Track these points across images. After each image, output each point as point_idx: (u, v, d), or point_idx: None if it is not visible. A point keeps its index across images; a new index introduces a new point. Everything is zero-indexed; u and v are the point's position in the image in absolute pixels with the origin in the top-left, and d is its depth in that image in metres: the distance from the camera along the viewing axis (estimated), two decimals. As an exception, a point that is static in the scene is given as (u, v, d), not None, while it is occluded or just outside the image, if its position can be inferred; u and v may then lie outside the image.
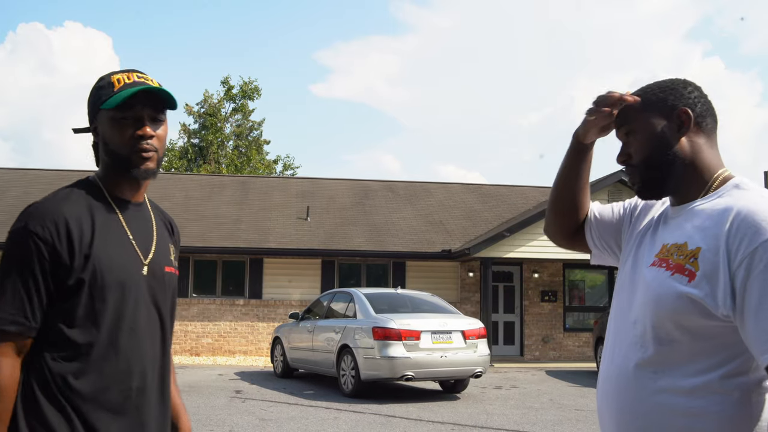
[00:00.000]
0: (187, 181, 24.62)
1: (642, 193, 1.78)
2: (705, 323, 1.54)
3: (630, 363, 1.66)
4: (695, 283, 1.54)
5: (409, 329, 10.78)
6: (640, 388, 1.62)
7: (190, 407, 9.74)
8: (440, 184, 25.72)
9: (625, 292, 1.77)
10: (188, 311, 18.73)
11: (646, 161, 1.73)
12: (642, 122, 1.74)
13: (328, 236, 19.74)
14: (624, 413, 1.66)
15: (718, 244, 1.54)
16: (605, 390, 1.75)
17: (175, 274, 2.07)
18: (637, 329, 1.66)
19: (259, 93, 38.48)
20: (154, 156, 1.92)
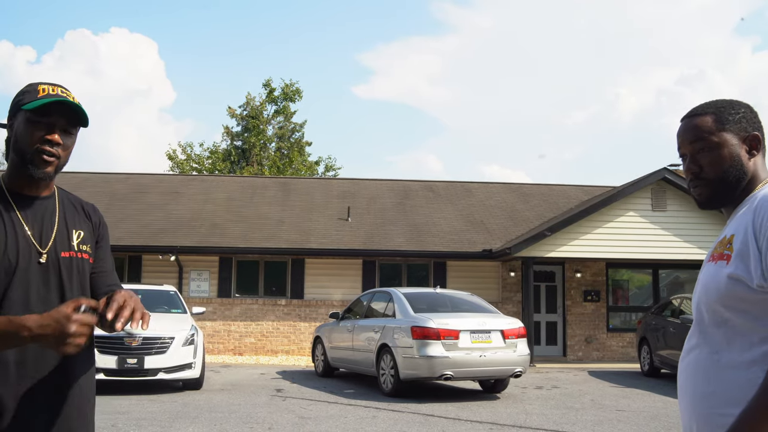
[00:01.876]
0: (230, 182, 24.92)
1: (707, 204, 1.96)
2: (747, 297, 1.71)
3: (695, 348, 1.87)
4: (732, 263, 1.75)
5: (447, 328, 10.78)
6: (705, 369, 1.81)
7: (232, 405, 9.91)
8: (481, 183, 25.61)
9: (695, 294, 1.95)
10: (231, 311, 18.97)
11: (721, 176, 1.90)
12: (720, 139, 1.91)
13: (368, 236, 19.82)
14: (695, 396, 1.83)
15: (745, 225, 1.76)
16: (680, 376, 1.94)
17: (76, 258, 2.24)
18: (700, 322, 1.87)
19: (301, 95, 38.75)
20: (55, 162, 2.16)
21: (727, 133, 1.91)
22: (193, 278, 19.15)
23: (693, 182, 1.96)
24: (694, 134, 1.94)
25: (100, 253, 2.37)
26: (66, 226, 2.26)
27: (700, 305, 1.87)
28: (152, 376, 11.12)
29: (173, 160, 37.96)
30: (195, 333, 11.83)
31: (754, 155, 1.92)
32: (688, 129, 1.96)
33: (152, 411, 9.39)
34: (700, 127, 1.93)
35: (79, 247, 2.26)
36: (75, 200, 2.38)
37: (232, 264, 19.36)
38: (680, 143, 2.00)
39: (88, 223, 2.35)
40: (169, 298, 13.60)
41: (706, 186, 1.92)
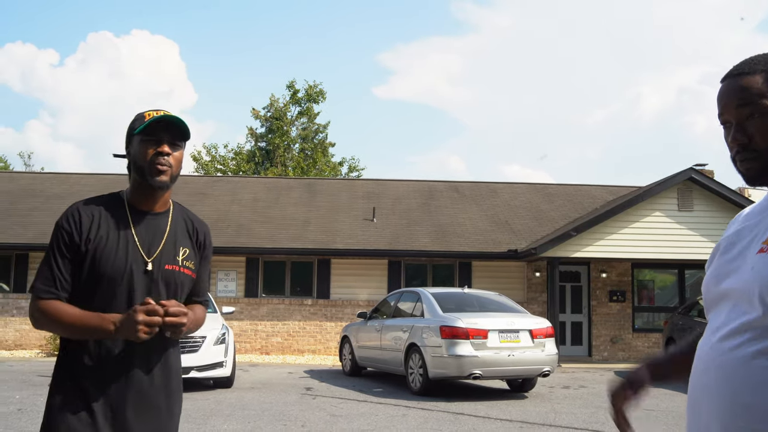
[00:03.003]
0: (256, 183, 25.13)
1: (757, 179, 1.64)
2: None
3: (736, 352, 1.54)
4: None
5: (476, 328, 10.85)
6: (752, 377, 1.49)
7: (263, 403, 10.05)
8: (506, 184, 25.64)
9: (721, 283, 1.66)
10: (258, 311, 19.15)
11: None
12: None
13: (394, 237, 19.92)
14: (733, 404, 1.51)
15: None
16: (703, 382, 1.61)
17: (178, 272, 2.52)
18: (746, 317, 1.55)
19: (324, 96, 38.96)
20: (168, 171, 2.47)
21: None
22: (220, 278, 19.37)
23: (740, 155, 1.64)
24: (742, 97, 1.61)
25: (199, 270, 2.64)
26: (175, 242, 2.54)
27: (761, 299, 1.51)
28: (184, 375, 11.27)
29: (198, 162, 38.29)
30: (226, 332, 12.00)
31: None
32: (734, 91, 1.64)
33: (186, 408, 9.53)
34: (748, 89, 1.61)
35: (183, 263, 2.54)
36: (189, 218, 2.67)
37: (259, 264, 19.55)
38: (723, 108, 1.67)
39: (193, 241, 2.62)
40: (200, 298, 13.75)
41: (757, 159, 1.61)
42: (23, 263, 19.17)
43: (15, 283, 19.09)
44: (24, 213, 20.54)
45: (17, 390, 10.94)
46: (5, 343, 18.59)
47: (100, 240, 2.41)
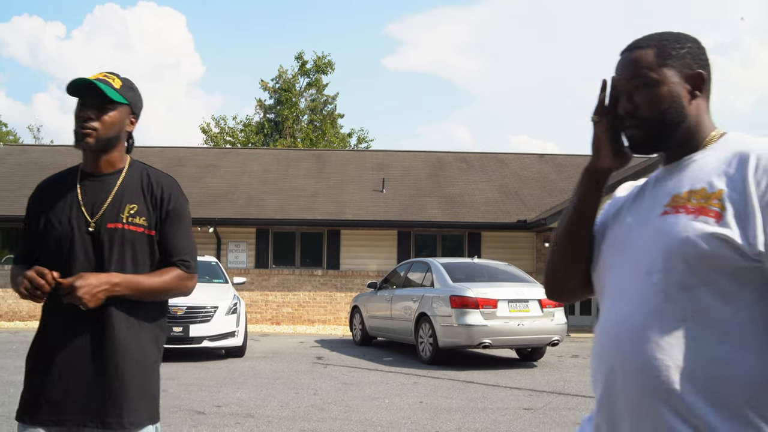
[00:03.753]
0: (265, 155, 25.16)
1: (640, 147, 1.71)
2: (737, 264, 1.48)
3: (651, 316, 1.54)
4: (724, 223, 1.49)
5: (486, 297, 10.91)
6: (667, 339, 1.50)
7: (275, 371, 10.17)
8: (515, 154, 25.58)
9: (624, 248, 1.68)
10: (268, 281, 19.28)
11: (659, 118, 1.67)
12: (661, 76, 1.67)
13: (403, 208, 19.95)
14: (648, 368, 1.51)
15: (743, 184, 1.51)
16: (615, 348, 1.60)
17: (123, 229, 2.47)
18: (655, 278, 1.55)
19: (333, 67, 38.79)
20: (93, 134, 2.45)
21: (669, 69, 1.68)
22: (231, 249, 19.48)
23: (628, 122, 1.70)
24: (632, 69, 1.70)
25: (165, 227, 2.53)
26: (121, 199, 2.50)
27: (672, 260, 1.54)
28: (197, 344, 11.42)
29: (207, 134, 38.31)
30: (237, 302, 12.11)
31: (696, 96, 1.69)
32: (626, 63, 1.72)
33: (200, 377, 9.68)
34: (638, 62, 1.69)
35: (128, 220, 2.47)
36: (149, 173, 2.60)
37: (269, 235, 19.64)
38: (617, 79, 1.75)
39: (147, 197, 2.54)
40: (211, 269, 13.89)
41: (640, 127, 1.68)
42: (35, 235, 19.30)
43: (28, 254, 19.23)
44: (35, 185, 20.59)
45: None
46: (20, 314, 18.79)
47: (50, 208, 2.49)
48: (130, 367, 2.41)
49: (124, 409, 2.37)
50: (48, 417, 2.37)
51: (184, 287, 2.56)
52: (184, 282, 2.55)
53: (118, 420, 2.36)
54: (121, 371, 2.39)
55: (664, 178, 1.71)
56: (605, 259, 1.74)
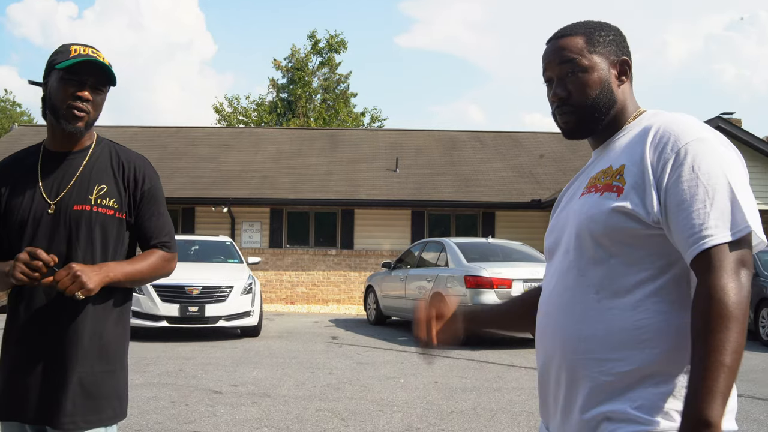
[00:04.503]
0: (278, 134, 25.15)
1: (574, 133, 1.76)
2: (639, 233, 1.55)
3: (569, 290, 1.65)
4: (624, 196, 1.56)
5: (500, 277, 10.91)
6: (583, 310, 1.60)
7: (291, 351, 10.23)
8: (529, 133, 25.44)
9: (554, 233, 1.79)
10: (282, 261, 19.34)
11: (591, 103, 1.71)
12: (591, 62, 1.71)
13: (417, 187, 19.92)
14: (568, 339, 1.62)
15: (641, 156, 1.58)
16: (545, 323, 1.72)
17: (91, 212, 2.31)
18: (571, 256, 1.66)
19: (346, 46, 38.60)
20: (85, 117, 2.30)
21: (598, 56, 1.72)
22: (245, 229, 19.55)
23: (559, 108, 1.74)
24: (563, 56, 1.72)
25: (141, 209, 2.40)
26: (89, 180, 2.34)
27: (581, 237, 1.63)
28: (212, 324, 11.50)
29: (220, 113, 38.32)
30: (252, 282, 12.16)
31: (623, 81, 1.75)
32: (556, 50, 1.75)
33: (216, 356, 9.75)
34: (569, 48, 1.73)
35: (97, 201, 2.32)
36: (117, 152, 2.44)
37: (283, 215, 19.68)
38: (546, 66, 1.77)
39: (118, 177, 2.39)
40: (226, 249, 13.95)
41: (573, 113, 1.72)
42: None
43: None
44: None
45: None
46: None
47: (11, 191, 2.34)
48: (91, 365, 2.28)
49: (80, 408, 2.24)
50: (11, 413, 2.27)
51: (168, 269, 2.46)
52: (168, 263, 2.45)
53: (72, 419, 2.23)
54: (82, 368, 2.26)
55: (592, 163, 1.79)
56: (545, 244, 1.85)
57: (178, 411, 6.43)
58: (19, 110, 49.21)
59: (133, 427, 5.79)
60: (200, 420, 6.12)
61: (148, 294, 11.19)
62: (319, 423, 6.11)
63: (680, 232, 1.50)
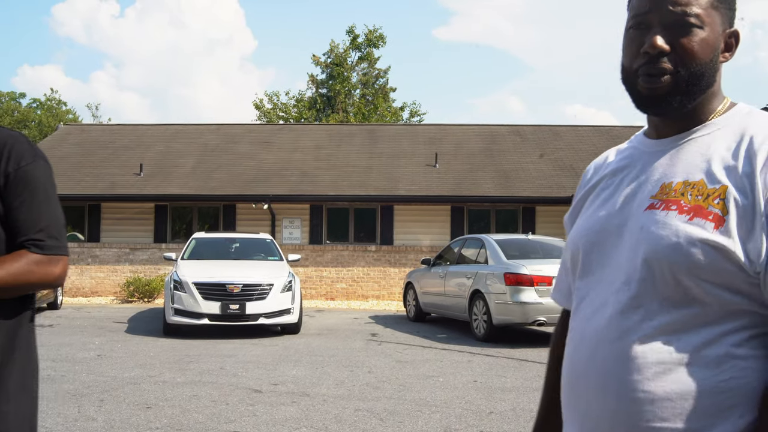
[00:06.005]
0: (317, 130, 25.25)
1: (658, 101, 1.34)
2: (733, 279, 1.23)
3: (629, 336, 1.28)
4: (725, 230, 1.22)
5: (541, 275, 10.81)
6: (653, 366, 1.25)
7: (330, 349, 10.27)
8: (569, 127, 25.15)
9: (598, 245, 1.39)
10: (323, 257, 19.43)
11: (697, 68, 1.32)
12: (711, 20, 1.33)
13: (456, 182, 19.85)
14: (632, 402, 1.26)
15: (752, 182, 1.23)
16: (586, 376, 1.34)
17: None
18: (633, 290, 1.29)
19: (384, 41, 38.59)
20: None
21: (718, 14, 1.34)
22: (285, 226, 19.68)
23: (650, 65, 1.33)
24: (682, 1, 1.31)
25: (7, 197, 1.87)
26: None
27: (655, 269, 1.27)
28: (253, 321, 11.60)
29: (260, 110, 38.60)
30: (292, 280, 12.23)
31: (726, 58, 1.37)
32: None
33: (256, 354, 9.83)
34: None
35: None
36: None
37: (323, 211, 19.77)
38: (652, 2, 1.33)
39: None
40: (266, 246, 14.05)
41: (672, 73, 1.32)
42: (96, 213, 19.80)
43: (89, 232, 19.77)
44: (95, 164, 21.11)
45: (96, 336, 11.41)
46: (82, 290, 19.33)
47: None
48: None
49: None
50: None
51: (43, 275, 1.87)
52: (41, 268, 1.87)
53: None
54: None
55: (652, 156, 1.39)
56: (577, 256, 1.45)
57: (219, 410, 6.50)
58: (65, 108, 50.17)
59: (174, 426, 5.87)
60: (240, 420, 6.18)
61: (190, 292, 11.34)
62: (358, 423, 6.13)
63: None
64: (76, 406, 6.60)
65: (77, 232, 19.90)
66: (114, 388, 7.41)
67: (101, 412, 6.37)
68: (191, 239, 14.03)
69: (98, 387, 7.46)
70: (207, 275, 11.72)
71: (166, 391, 7.31)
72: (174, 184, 19.77)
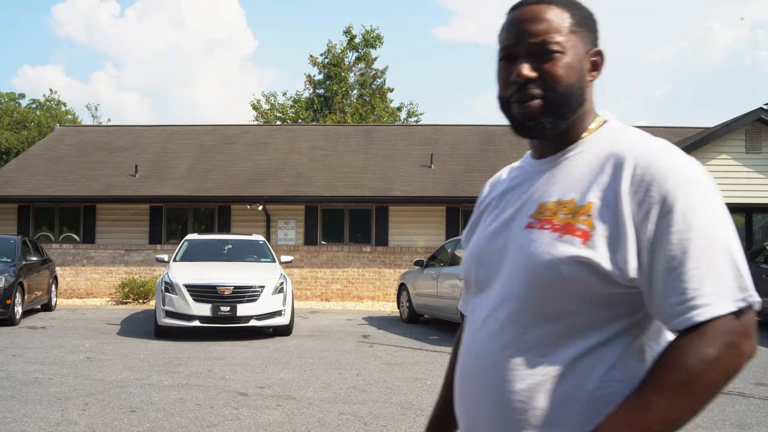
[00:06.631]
0: (313, 131, 25.22)
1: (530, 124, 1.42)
2: (603, 291, 1.29)
3: (508, 349, 1.35)
4: (591, 245, 1.28)
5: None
6: (528, 378, 1.32)
7: (321, 351, 10.25)
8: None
9: (487, 265, 1.45)
10: (318, 258, 19.42)
11: (564, 91, 1.39)
12: (572, 44, 1.40)
13: (451, 183, 19.83)
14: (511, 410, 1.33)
15: (616, 196, 1.29)
16: (473, 385, 1.42)
17: None
18: (513, 305, 1.36)
19: (382, 41, 38.57)
20: None
21: (578, 38, 1.40)
22: (280, 227, 19.66)
23: (520, 92, 1.40)
24: (539, 29, 1.38)
25: None
26: None
27: (530, 285, 1.33)
28: (244, 323, 11.58)
29: (258, 110, 38.60)
30: (284, 281, 12.22)
31: (594, 77, 1.44)
32: (531, 20, 1.39)
33: (246, 356, 9.82)
34: (548, 20, 1.39)
35: None
36: None
37: (318, 212, 19.75)
38: (513, 38, 1.41)
39: None
40: (258, 248, 14.04)
41: (540, 98, 1.39)
42: (91, 215, 19.79)
43: (84, 234, 19.76)
44: (91, 166, 21.10)
45: (87, 338, 11.40)
46: (78, 291, 19.32)
47: None
48: None
49: None
50: None
51: None
52: None
53: None
54: None
55: (534, 177, 1.48)
56: (471, 275, 1.52)
57: (203, 414, 6.48)
58: (64, 109, 50.18)
59: (156, 430, 5.85)
60: (223, 423, 6.16)
61: (180, 294, 11.32)
62: (341, 427, 6.11)
63: (665, 298, 1.25)
64: (60, 410, 6.59)
65: (72, 234, 19.89)
66: (100, 392, 7.40)
67: (84, 416, 6.36)
68: (183, 241, 14.01)
69: (84, 390, 7.45)
70: (198, 277, 11.70)
71: (152, 394, 7.29)
72: (169, 186, 19.76)
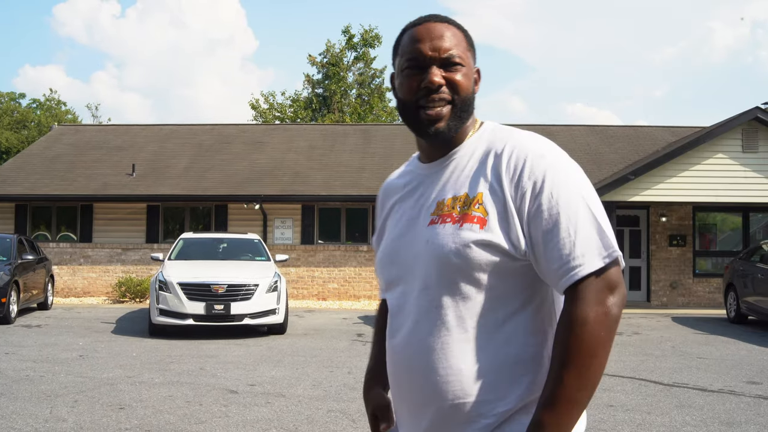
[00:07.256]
0: (311, 130, 25.23)
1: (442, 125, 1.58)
2: (507, 266, 1.48)
3: (436, 330, 1.52)
4: (488, 228, 1.48)
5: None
6: (457, 352, 1.49)
7: (314, 349, 10.27)
8: (564, 126, 25.12)
9: (397, 264, 1.63)
10: (314, 257, 19.42)
11: (466, 98, 1.59)
12: (468, 59, 1.62)
13: (448, 183, 19.80)
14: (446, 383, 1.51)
15: (499, 185, 1.51)
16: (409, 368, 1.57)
17: None
18: (432, 293, 1.53)
19: (380, 40, 38.59)
20: None
21: (471, 55, 1.63)
22: (277, 226, 19.67)
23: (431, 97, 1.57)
24: (450, 44, 1.58)
25: None
26: None
27: (444, 272, 1.51)
28: (238, 322, 11.59)
29: (256, 110, 38.60)
30: (278, 280, 12.22)
31: (476, 90, 1.65)
32: (443, 36, 1.58)
33: (238, 354, 9.83)
34: (456, 38, 1.60)
35: None
36: None
37: (315, 211, 19.75)
38: (428, 48, 1.57)
39: None
40: (254, 247, 14.05)
41: (450, 102, 1.58)
42: (88, 214, 19.80)
43: (81, 233, 19.77)
44: (88, 165, 21.11)
45: (81, 337, 11.41)
46: (75, 290, 19.33)
47: None
48: None
49: None
50: None
51: None
52: None
53: None
54: None
55: (427, 179, 1.66)
56: (383, 275, 1.70)
57: (192, 411, 6.49)
58: (64, 109, 50.20)
59: (144, 427, 5.86)
60: (211, 420, 6.17)
61: (174, 292, 11.33)
62: (329, 425, 6.12)
63: (548, 264, 1.46)
64: (49, 407, 6.60)
65: (70, 233, 19.90)
66: (90, 389, 7.41)
67: (73, 413, 6.37)
68: (179, 239, 14.03)
69: (74, 388, 7.46)
70: (192, 275, 11.71)
71: (142, 391, 7.30)
72: (166, 185, 19.77)
